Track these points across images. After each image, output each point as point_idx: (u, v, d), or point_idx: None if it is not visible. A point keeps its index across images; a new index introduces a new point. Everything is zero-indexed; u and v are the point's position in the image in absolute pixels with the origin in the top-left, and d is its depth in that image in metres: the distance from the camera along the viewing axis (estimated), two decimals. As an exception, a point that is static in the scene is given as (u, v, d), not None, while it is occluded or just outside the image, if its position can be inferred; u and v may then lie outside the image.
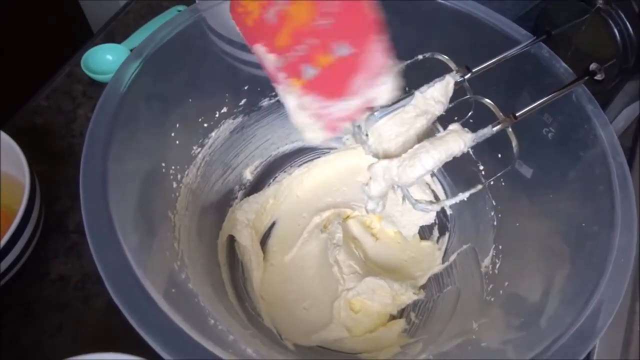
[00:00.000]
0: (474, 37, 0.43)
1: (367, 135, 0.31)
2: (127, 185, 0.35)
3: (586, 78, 0.33)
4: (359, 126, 0.31)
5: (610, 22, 0.33)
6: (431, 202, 0.30)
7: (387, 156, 0.30)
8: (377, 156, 0.31)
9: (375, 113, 0.31)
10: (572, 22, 0.35)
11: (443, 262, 0.52)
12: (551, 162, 0.41)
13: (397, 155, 0.29)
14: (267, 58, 0.32)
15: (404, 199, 0.33)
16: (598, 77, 0.32)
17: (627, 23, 0.32)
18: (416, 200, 0.30)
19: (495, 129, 0.28)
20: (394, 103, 0.32)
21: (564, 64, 0.39)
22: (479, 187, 0.34)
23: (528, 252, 0.41)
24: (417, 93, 0.32)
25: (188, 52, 0.42)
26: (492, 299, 0.41)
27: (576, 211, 0.37)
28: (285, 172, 0.58)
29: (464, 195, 0.33)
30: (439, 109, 0.31)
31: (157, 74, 0.39)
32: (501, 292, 0.41)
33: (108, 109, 0.35)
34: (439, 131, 0.52)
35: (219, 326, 0.36)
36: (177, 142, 0.43)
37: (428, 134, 0.33)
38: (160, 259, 0.36)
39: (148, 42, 0.39)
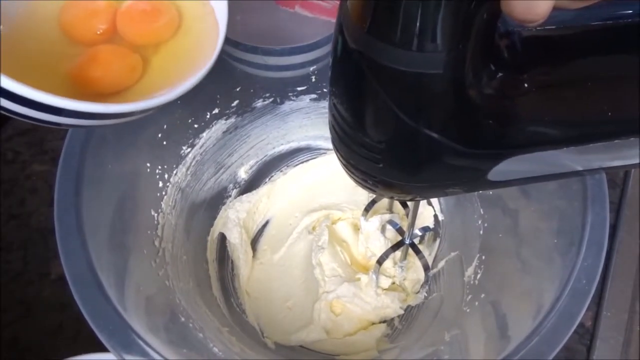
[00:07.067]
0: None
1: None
2: (104, 184, 0.36)
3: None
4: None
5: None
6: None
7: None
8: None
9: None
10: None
11: (432, 268, 0.52)
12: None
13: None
14: None
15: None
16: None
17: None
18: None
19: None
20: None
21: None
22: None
23: (505, 266, 0.40)
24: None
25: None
26: (468, 310, 0.41)
27: (550, 227, 0.36)
28: (280, 171, 0.58)
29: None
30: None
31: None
32: (477, 303, 0.40)
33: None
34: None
35: (189, 324, 0.38)
36: (165, 142, 0.44)
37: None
38: (135, 257, 0.37)
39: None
